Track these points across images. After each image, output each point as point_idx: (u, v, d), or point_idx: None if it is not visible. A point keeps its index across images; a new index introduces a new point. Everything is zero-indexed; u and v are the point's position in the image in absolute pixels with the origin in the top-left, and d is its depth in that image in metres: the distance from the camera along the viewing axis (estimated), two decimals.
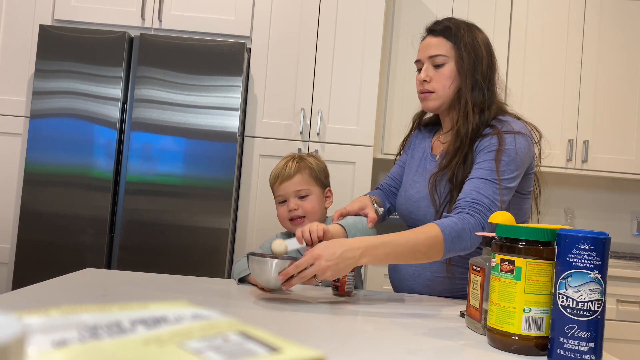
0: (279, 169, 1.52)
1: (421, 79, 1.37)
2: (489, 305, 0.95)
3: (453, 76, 1.35)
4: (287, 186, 1.49)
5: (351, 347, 0.86)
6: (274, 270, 1.10)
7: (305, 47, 2.53)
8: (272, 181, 1.53)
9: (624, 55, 2.81)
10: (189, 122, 2.34)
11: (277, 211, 1.53)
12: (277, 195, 1.52)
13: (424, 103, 1.40)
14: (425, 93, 1.38)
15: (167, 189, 2.33)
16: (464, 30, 1.36)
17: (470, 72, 1.34)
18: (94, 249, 2.30)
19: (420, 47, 1.42)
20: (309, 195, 1.50)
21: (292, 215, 1.48)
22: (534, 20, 2.82)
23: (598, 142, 2.79)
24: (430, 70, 1.37)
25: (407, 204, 1.42)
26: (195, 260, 2.31)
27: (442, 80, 1.35)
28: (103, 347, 0.30)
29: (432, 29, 1.40)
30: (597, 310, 0.81)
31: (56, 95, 2.34)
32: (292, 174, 1.49)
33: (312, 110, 2.52)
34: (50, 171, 2.32)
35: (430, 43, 1.38)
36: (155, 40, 2.36)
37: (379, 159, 2.81)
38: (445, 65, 1.35)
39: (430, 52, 1.37)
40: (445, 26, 1.37)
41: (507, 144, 1.26)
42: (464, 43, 1.34)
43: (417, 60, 1.41)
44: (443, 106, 1.38)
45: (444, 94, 1.36)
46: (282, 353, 0.31)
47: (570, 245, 0.82)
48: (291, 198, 1.49)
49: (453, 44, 1.35)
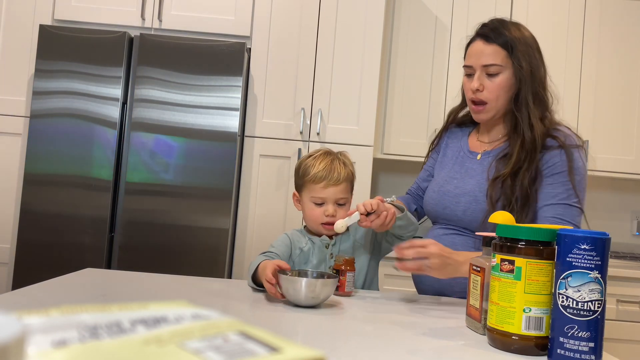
0: (325, 170, 1.42)
1: (474, 87, 1.34)
2: (488, 305, 0.95)
3: (508, 86, 1.33)
4: (332, 192, 1.43)
5: (351, 347, 0.86)
6: (304, 288, 1.14)
7: (305, 47, 2.53)
8: (314, 179, 1.42)
9: (624, 55, 2.81)
10: (189, 122, 2.34)
11: (309, 211, 1.45)
12: (317, 196, 1.43)
13: (477, 115, 1.38)
14: (478, 105, 1.36)
15: (167, 189, 2.33)
16: (518, 36, 1.33)
17: (529, 81, 1.32)
18: (94, 249, 2.30)
19: (470, 52, 1.37)
20: (346, 203, 1.47)
21: (327, 220, 1.43)
22: (534, 20, 2.82)
23: (598, 142, 2.79)
24: (483, 79, 1.34)
25: (443, 200, 1.41)
26: (195, 260, 2.31)
27: (496, 90, 1.33)
28: (103, 347, 0.30)
29: (485, 35, 1.35)
30: (597, 310, 0.81)
31: (56, 95, 2.34)
32: (340, 180, 1.42)
33: (312, 110, 2.52)
34: (50, 171, 2.32)
35: (484, 50, 1.34)
36: (155, 40, 2.36)
37: (379, 159, 2.81)
38: (499, 75, 1.32)
39: (484, 60, 1.33)
40: (499, 33, 1.33)
41: (576, 160, 1.28)
42: (521, 52, 1.32)
43: (468, 66, 1.37)
44: (496, 116, 1.37)
45: (497, 104, 1.34)
46: (282, 353, 0.31)
47: (570, 245, 0.82)
48: (331, 203, 1.43)
49: (508, 53, 1.32)
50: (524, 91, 1.32)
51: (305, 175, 1.46)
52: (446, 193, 1.42)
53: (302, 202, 1.48)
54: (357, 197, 2.48)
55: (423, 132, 2.78)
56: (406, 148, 2.76)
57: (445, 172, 1.48)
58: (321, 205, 1.44)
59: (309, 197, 1.46)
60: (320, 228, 1.46)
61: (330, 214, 1.42)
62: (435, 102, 2.78)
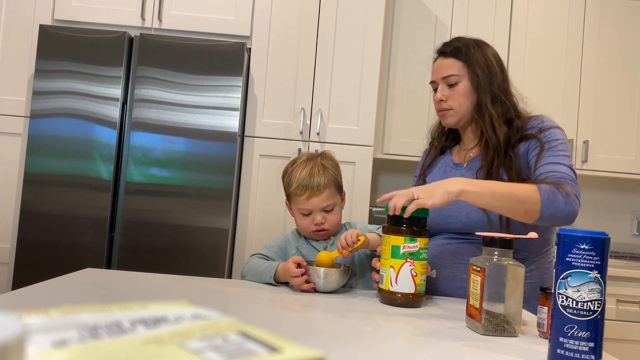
0: (304, 179, 1.44)
1: (438, 98, 1.47)
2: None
3: (467, 93, 1.44)
4: (316, 202, 1.45)
5: (351, 347, 0.86)
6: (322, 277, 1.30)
7: (305, 47, 2.53)
8: (296, 192, 1.46)
9: (624, 55, 2.81)
10: (189, 122, 2.34)
11: (299, 220, 1.49)
12: (303, 207, 1.46)
13: (444, 120, 1.50)
14: (443, 111, 1.47)
15: (167, 189, 2.33)
16: (474, 48, 1.46)
17: (487, 87, 1.43)
18: (94, 249, 2.30)
19: (433, 68, 1.51)
20: (334, 208, 1.49)
21: (317, 228, 1.47)
22: (534, 21, 2.82)
23: (598, 142, 2.79)
24: (445, 90, 1.46)
25: (443, 210, 1.43)
26: (195, 260, 2.31)
27: (458, 97, 1.45)
28: (103, 347, 0.30)
29: (443, 51, 1.49)
30: (597, 310, 0.81)
31: (56, 95, 2.34)
32: (321, 189, 1.44)
33: (312, 110, 2.52)
34: (50, 171, 2.32)
35: (442, 64, 1.47)
36: (155, 40, 2.36)
37: (379, 159, 2.81)
38: (459, 84, 1.45)
39: (443, 72, 1.46)
40: (455, 47, 1.46)
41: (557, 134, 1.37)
42: (476, 60, 1.43)
43: (432, 82, 1.50)
44: (461, 121, 1.48)
45: (461, 110, 1.45)
46: (282, 353, 0.31)
47: (569, 245, 0.82)
48: (318, 212, 1.46)
49: (464, 63, 1.44)
50: (483, 97, 1.43)
51: (289, 187, 1.50)
52: None
53: (293, 211, 1.51)
54: (357, 197, 2.49)
55: (423, 132, 2.77)
56: (406, 148, 2.76)
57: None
58: (309, 215, 1.47)
59: (296, 208, 1.50)
60: (313, 235, 1.50)
61: (319, 222, 1.46)
62: None
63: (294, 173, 1.47)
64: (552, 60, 2.81)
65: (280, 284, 1.38)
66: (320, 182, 1.44)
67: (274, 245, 1.52)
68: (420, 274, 1.21)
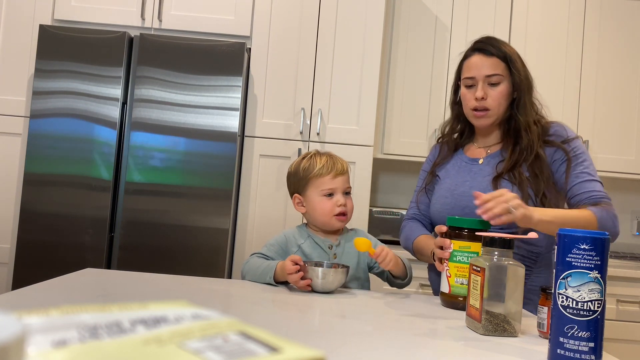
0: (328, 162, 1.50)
1: (479, 96, 1.45)
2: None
3: (507, 94, 1.46)
4: (341, 181, 1.50)
5: (351, 347, 0.86)
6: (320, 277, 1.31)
7: (305, 47, 2.53)
8: (321, 172, 1.48)
9: (624, 55, 2.81)
10: (189, 122, 2.34)
11: (320, 205, 1.48)
12: (327, 187, 1.48)
13: (479, 120, 1.49)
14: (481, 111, 1.47)
15: (167, 189, 2.33)
16: (511, 50, 1.49)
17: (525, 91, 1.46)
18: (94, 249, 2.30)
19: (470, 64, 1.49)
20: (350, 193, 1.54)
21: (340, 210, 1.48)
22: (534, 20, 2.82)
23: (598, 142, 2.79)
24: (486, 88, 1.46)
25: (460, 201, 1.47)
26: (195, 260, 2.31)
27: (498, 98, 1.45)
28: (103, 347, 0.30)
29: (484, 49, 1.48)
30: (597, 310, 0.81)
31: (56, 95, 2.34)
32: (344, 170, 1.51)
33: (312, 110, 2.52)
34: (50, 171, 2.32)
35: (485, 62, 1.46)
36: (155, 40, 2.36)
37: (379, 159, 2.81)
38: (500, 85, 1.45)
39: (486, 71, 1.46)
40: (496, 47, 1.47)
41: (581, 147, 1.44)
42: (515, 62, 1.46)
43: (470, 77, 1.48)
44: (496, 122, 1.49)
45: (498, 111, 1.47)
46: (282, 353, 0.31)
47: (569, 245, 0.82)
48: (340, 193, 1.49)
49: (506, 64, 1.46)
50: (523, 98, 1.46)
51: (309, 172, 1.50)
52: (462, 194, 1.47)
53: (309, 200, 1.50)
54: (357, 197, 2.49)
55: (423, 132, 2.78)
56: (406, 148, 2.76)
57: (451, 180, 1.53)
58: (331, 197, 1.48)
59: (317, 192, 1.49)
60: (333, 221, 1.48)
61: (342, 204, 1.48)
62: (435, 102, 2.78)
63: (314, 159, 1.51)
64: (552, 60, 2.81)
65: (280, 283, 1.37)
66: (343, 164, 1.52)
67: (275, 243, 1.51)
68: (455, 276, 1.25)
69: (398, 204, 2.96)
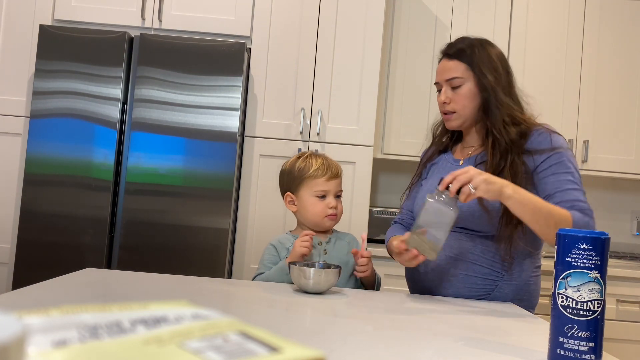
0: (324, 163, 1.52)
1: (441, 101, 1.47)
2: None
3: (472, 95, 1.43)
4: (334, 184, 1.52)
5: (351, 347, 0.86)
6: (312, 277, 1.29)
7: (305, 47, 2.53)
8: (317, 174, 1.51)
9: (624, 55, 2.81)
10: (189, 122, 2.34)
11: (312, 206, 1.51)
12: (320, 189, 1.51)
13: (447, 123, 1.50)
14: (448, 114, 1.47)
15: (167, 189, 2.33)
16: (478, 49, 1.44)
17: (492, 88, 1.41)
18: (94, 249, 2.30)
19: (437, 70, 1.50)
20: (341, 197, 1.56)
21: (331, 212, 1.51)
22: (534, 20, 2.82)
23: (598, 142, 2.79)
24: (449, 92, 1.45)
25: None
26: (195, 260, 2.31)
27: (461, 100, 1.44)
28: (103, 347, 0.30)
29: (446, 52, 1.48)
30: (597, 310, 0.81)
31: (56, 95, 2.34)
32: (338, 174, 1.54)
33: (312, 110, 2.52)
34: (50, 171, 2.32)
35: (445, 66, 1.46)
36: (155, 40, 2.36)
37: (379, 159, 2.81)
38: (462, 86, 1.44)
39: (446, 75, 1.45)
40: (458, 48, 1.45)
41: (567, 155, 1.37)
42: (481, 61, 1.42)
43: (436, 83, 1.50)
44: (465, 123, 1.48)
45: (465, 112, 1.45)
46: (282, 353, 0.31)
47: (569, 245, 0.82)
48: (332, 195, 1.52)
49: (468, 65, 1.43)
50: (489, 99, 1.42)
51: (304, 172, 1.52)
52: None
53: (301, 199, 1.52)
54: (357, 197, 2.49)
55: (423, 132, 2.77)
56: (406, 148, 2.76)
57: (433, 180, 1.52)
58: (323, 199, 1.51)
59: (311, 193, 1.52)
60: (324, 221, 1.52)
61: (334, 206, 1.51)
62: (435, 102, 2.78)
63: (310, 160, 1.54)
64: (552, 60, 2.81)
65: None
66: (338, 167, 1.55)
67: (267, 257, 1.53)
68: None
69: (398, 204, 2.96)
